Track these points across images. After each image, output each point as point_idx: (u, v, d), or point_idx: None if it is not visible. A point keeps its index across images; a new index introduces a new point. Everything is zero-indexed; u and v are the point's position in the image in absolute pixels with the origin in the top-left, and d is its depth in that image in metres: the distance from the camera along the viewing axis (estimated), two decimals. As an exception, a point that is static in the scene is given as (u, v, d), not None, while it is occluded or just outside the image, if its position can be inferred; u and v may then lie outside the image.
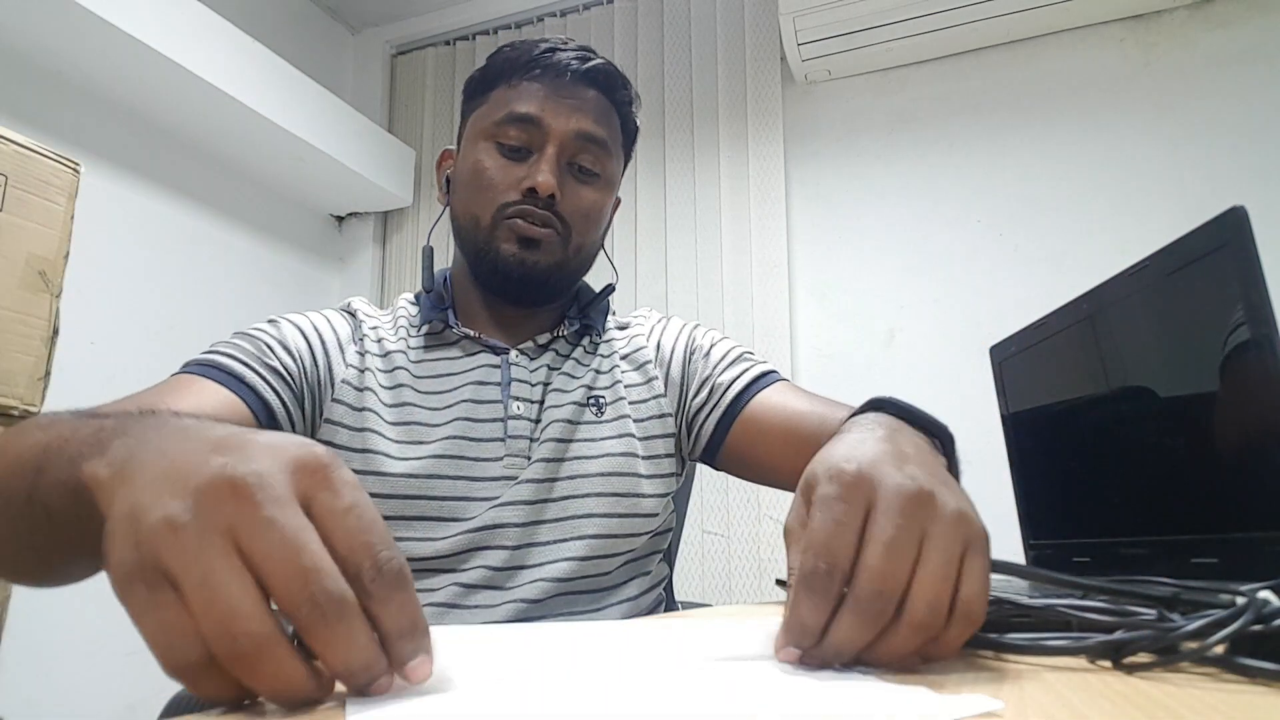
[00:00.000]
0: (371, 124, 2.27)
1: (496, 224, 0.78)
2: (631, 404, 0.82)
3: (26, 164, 1.02)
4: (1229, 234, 0.53)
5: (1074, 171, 1.82)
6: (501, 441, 0.76)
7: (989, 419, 0.86)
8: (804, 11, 1.85)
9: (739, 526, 1.87)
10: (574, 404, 0.80)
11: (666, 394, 0.84)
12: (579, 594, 0.75)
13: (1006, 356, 0.87)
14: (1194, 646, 0.32)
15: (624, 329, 0.90)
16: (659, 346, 0.88)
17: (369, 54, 2.58)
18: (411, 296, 0.88)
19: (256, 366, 0.70)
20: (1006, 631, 0.38)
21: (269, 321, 0.77)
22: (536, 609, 0.72)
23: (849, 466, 0.36)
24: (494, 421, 0.77)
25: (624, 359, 0.86)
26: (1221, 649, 0.32)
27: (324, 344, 0.77)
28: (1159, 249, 0.61)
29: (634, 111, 0.86)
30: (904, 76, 2.01)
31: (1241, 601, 0.33)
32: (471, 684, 0.31)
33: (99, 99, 1.75)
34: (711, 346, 0.87)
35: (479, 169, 0.79)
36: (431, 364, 0.80)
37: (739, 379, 0.82)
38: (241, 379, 0.69)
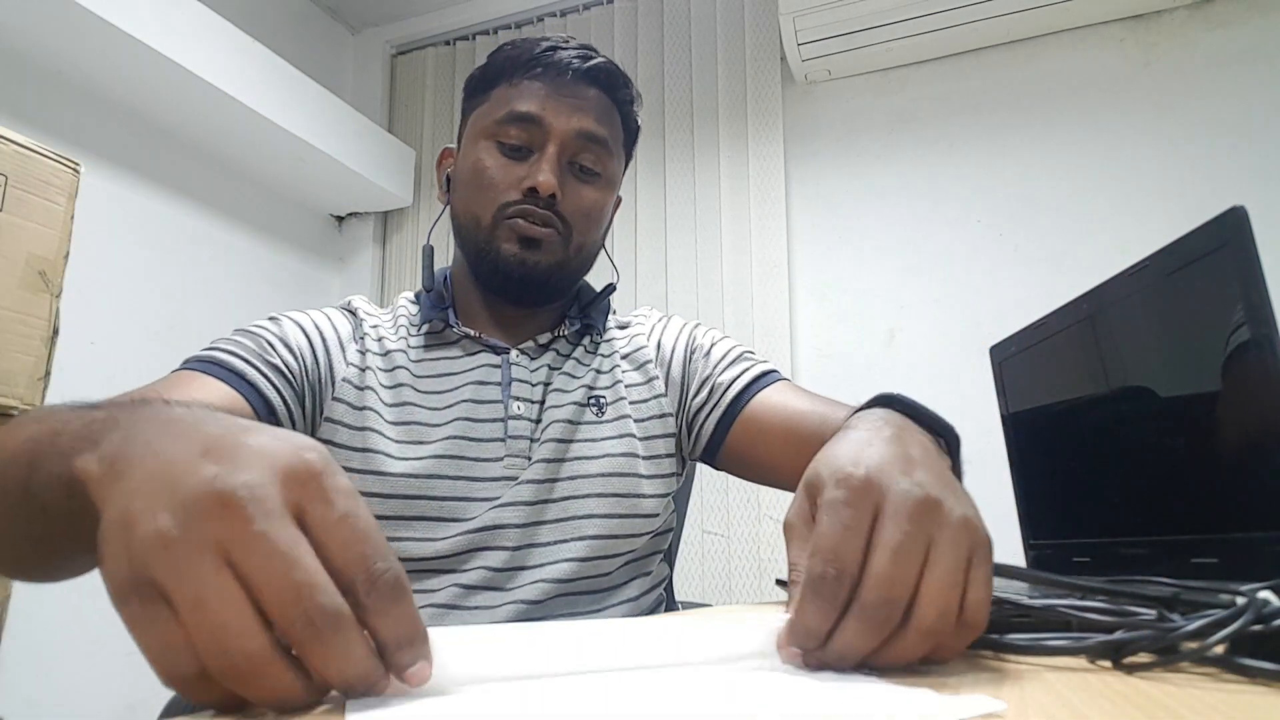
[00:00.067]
0: (371, 124, 2.27)
1: (497, 224, 0.77)
2: (632, 404, 0.82)
3: (26, 164, 1.02)
4: (1229, 234, 0.53)
5: (1074, 171, 1.81)
6: (502, 442, 0.76)
7: (989, 419, 0.86)
8: (804, 11, 1.85)
9: (739, 526, 1.87)
10: (574, 404, 0.79)
11: (667, 393, 0.84)
12: (580, 595, 0.75)
13: (1006, 356, 0.87)
14: (1194, 646, 0.32)
15: (624, 328, 0.90)
16: (659, 346, 0.87)
17: (369, 54, 2.58)
18: (411, 295, 0.88)
19: (258, 363, 0.70)
20: (1007, 632, 0.38)
21: (270, 319, 0.77)
22: (537, 610, 0.72)
23: (857, 471, 0.36)
24: (494, 422, 0.77)
25: (624, 358, 0.86)
26: (1221, 649, 0.32)
27: (325, 342, 0.77)
28: (1159, 249, 0.61)
29: (635, 110, 0.86)
30: (904, 76, 2.01)
31: (1241, 601, 0.33)
32: (471, 684, 0.31)
33: (99, 99, 1.75)
34: (712, 346, 0.86)
35: (479, 168, 0.79)
36: (432, 363, 0.80)
37: (739, 378, 0.82)
38: (243, 376, 0.69)
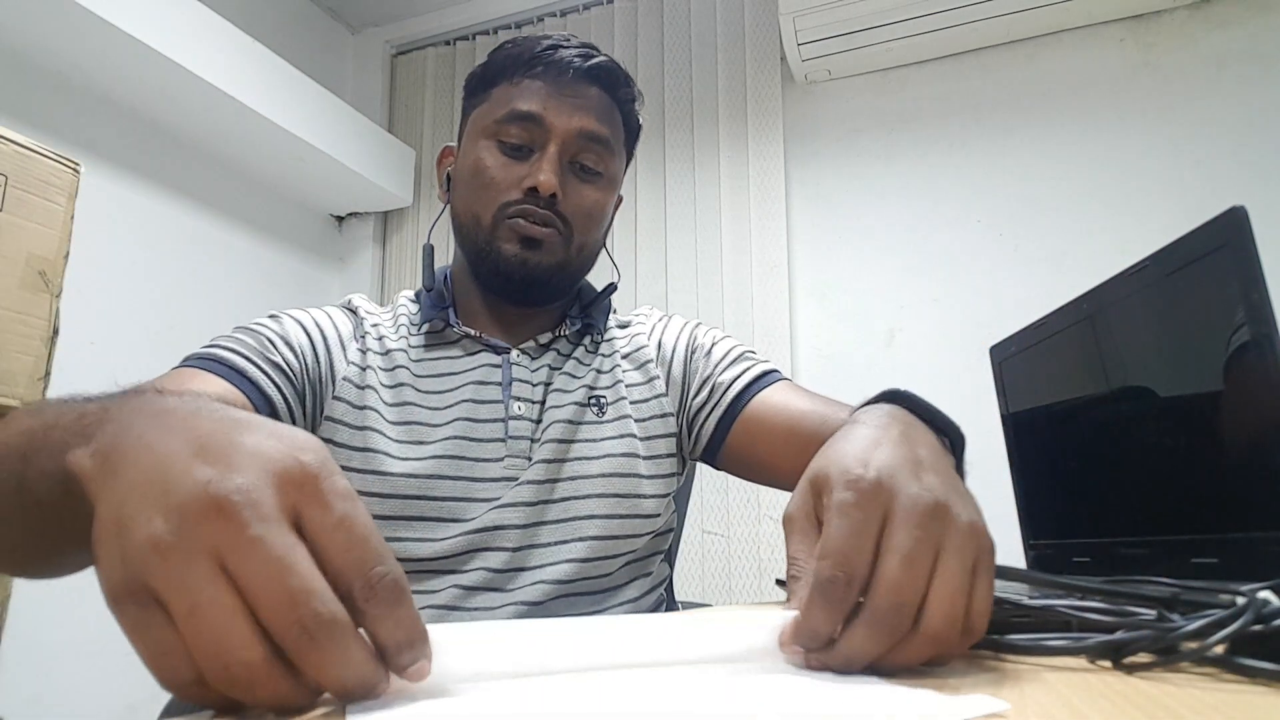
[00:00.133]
0: (371, 124, 2.27)
1: (498, 223, 0.77)
2: (633, 404, 0.82)
3: (26, 164, 1.02)
4: (1229, 234, 0.53)
5: (1074, 171, 1.81)
6: (502, 442, 0.76)
7: (989, 419, 0.86)
8: (804, 11, 1.85)
9: (739, 526, 1.87)
10: (575, 404, 0.79)
11: (668, 393, 0.84)
12: (580, 595, 0.75)
13: (1006, 356, 0.87)
14: (1194, 646, 0.32)
15: (625, 328, 0.90)
16: (660, 345, 0.87)
17: (369, 54, 2.58)
18: (412, 294, 0.87)
19: (259, 361, 0.70)
20: (1007, 632, 0.38)
21: (270, 316, 0.77)
22: (538, 611, 0.71)
23: (867, 473, 0.36)
24: (495, 422, 0.77)
25: (625, 358, 0.85)
26: (1221, 649, 0.32)
27: (326, 340, 0.77)
28: (1159, 249, 0.61)
29: (637, 109, 0.85)
30: (904, 76, 2.01)
31: (1241, 601, 0.33)
32: (472, 684, 0.31)
33: (99, 99, 1.75)
34: (713, 345, 0.86)
35: (480, 167, 0.78)
36: (432, 363, 0.80)
37: (740, 378, 0.81)
38: (244, 373, 0.68)
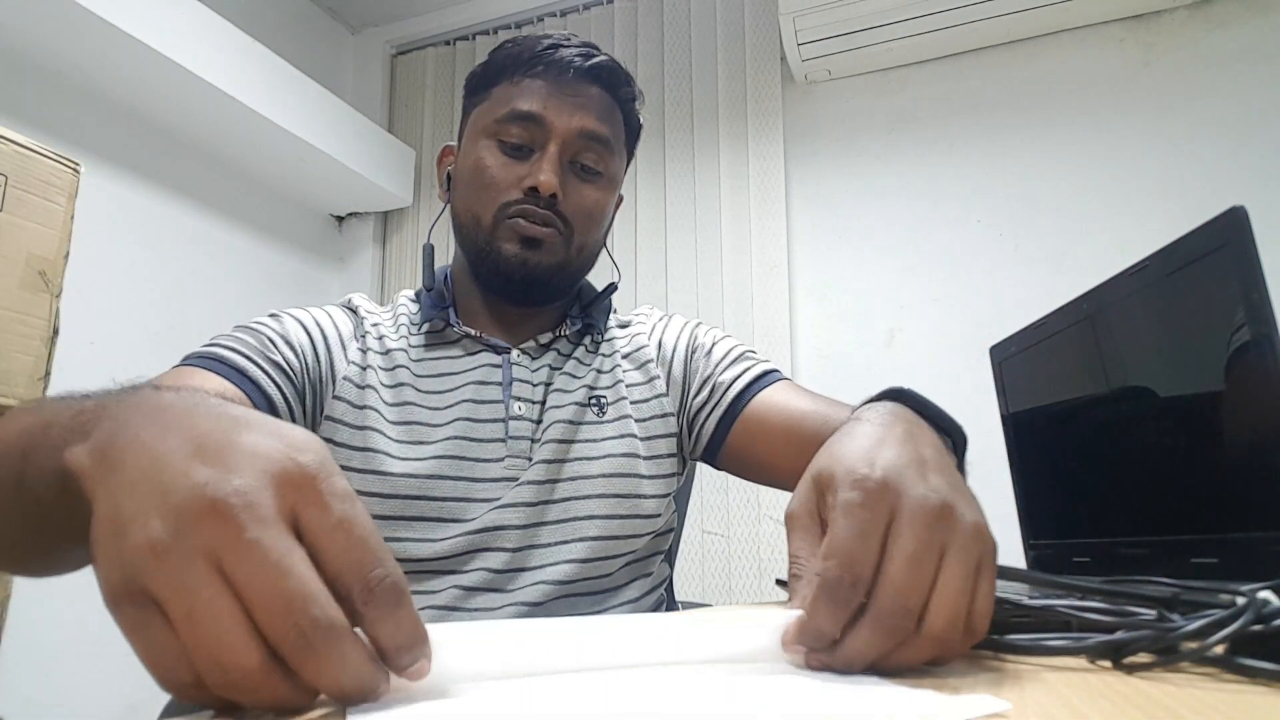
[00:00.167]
0: (371, 124, 2.27)
1: (498, 223, 0.77)
2: (633, 404, 0.82)
3: (26, 164, 1.02)
4: (1229, 234, 0.53)
5: (1074, 171, 1.81)
6: (503, 442, 0.76)
7: (989, 419, 0.86)
8: (804, 11, 1.85)
9: (739, 526, 1.87)
10: (575, 404, 0.79)
11: (668, 393, 0.84)
12: (580, 596, 0.74)
13: (1006, 356, 0.87)
14: (1194, 646, 0.32)
15: (625, 327, 0.90)
16: (660, 345, 0.87)
17: (369, 54, 2.58)
18: (412, 294, 0.87)
19: (259, 360, 0.70)
20: (1007, 632, 0.38)
21: (271, 316, 0.77)
22: (538, 611, 0.71)
23: (873, 473, 0.36)
24: (495, 422, 0.77)
25: (625, 358, 0.85)
26: (1221, 649, 0.32)
27: (326, 340, 0.77)
28: (1159, 249, 0.61)
29: (637, 108, 0.85)
30: (904, 76, 2.01)
31: (1241, 601, 0.33)
32: (471, 684, 0.31)
33: (99, 99, 1.75)
34: (713, 345, 0.86)
35: (480, 167, 0.78)
36: (432, 363, 0.80)
37: (740, 378, 0.81)
38: (244, 372, 0.68)
